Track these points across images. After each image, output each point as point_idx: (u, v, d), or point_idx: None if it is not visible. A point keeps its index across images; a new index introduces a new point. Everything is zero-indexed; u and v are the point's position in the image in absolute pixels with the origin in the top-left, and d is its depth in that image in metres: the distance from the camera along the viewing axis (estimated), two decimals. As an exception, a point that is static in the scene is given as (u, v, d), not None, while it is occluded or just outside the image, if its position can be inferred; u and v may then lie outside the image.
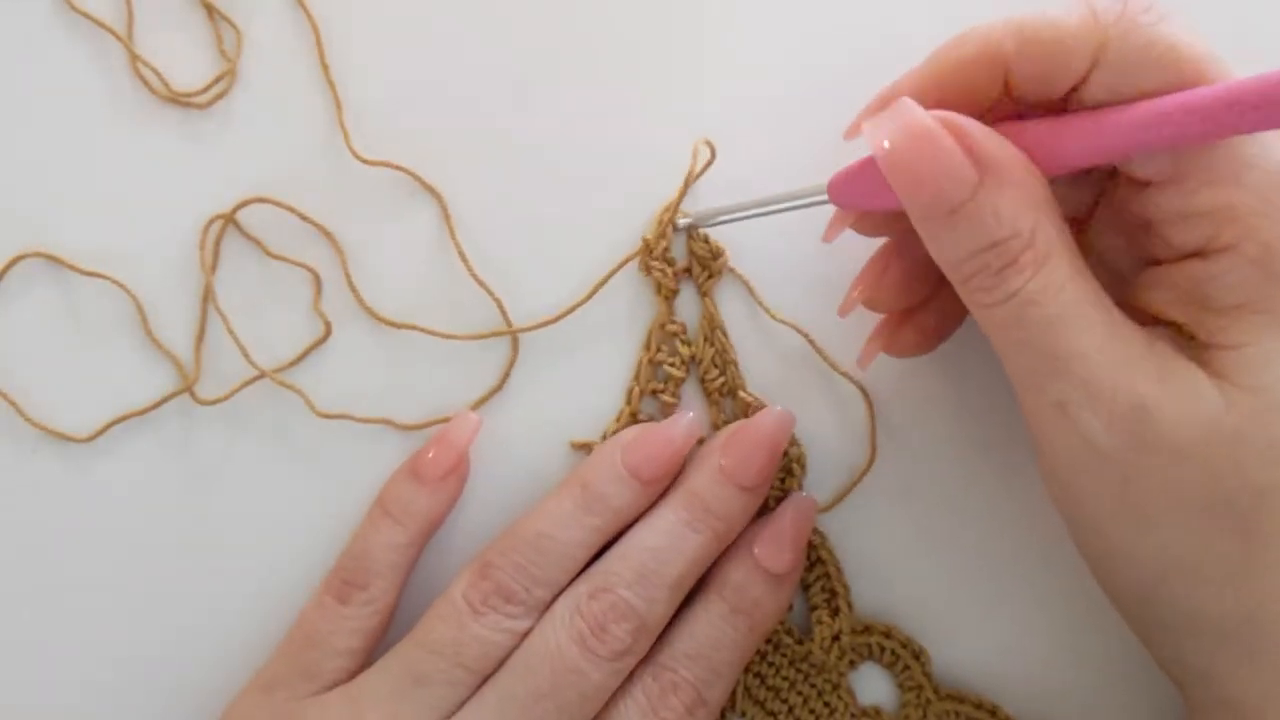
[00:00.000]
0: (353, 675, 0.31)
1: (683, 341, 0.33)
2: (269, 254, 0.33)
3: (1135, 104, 0.25)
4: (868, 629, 0.34)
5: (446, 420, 0.33)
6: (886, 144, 0.26)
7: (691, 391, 0.34)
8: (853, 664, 0.34)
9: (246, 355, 0.33)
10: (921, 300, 0.31)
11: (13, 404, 0.33)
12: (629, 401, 0.33)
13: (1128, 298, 0.28)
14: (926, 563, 0.34)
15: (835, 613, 0.33)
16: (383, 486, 0.33)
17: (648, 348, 0.33)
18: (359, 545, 0.32)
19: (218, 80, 0.33)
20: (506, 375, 0.33)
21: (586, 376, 0.33)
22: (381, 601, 0.31)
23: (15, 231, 0.33)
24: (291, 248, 0.33)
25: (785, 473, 0.33)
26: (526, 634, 0.30)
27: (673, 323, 0.33)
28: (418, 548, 0.32)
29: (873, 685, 0.35)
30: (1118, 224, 0.29)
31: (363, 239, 0.33)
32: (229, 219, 0.33)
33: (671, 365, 0.33)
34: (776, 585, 0.32)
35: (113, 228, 0.33)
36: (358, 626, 0.31)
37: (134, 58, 0.33)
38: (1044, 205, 0.25)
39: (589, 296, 0.33)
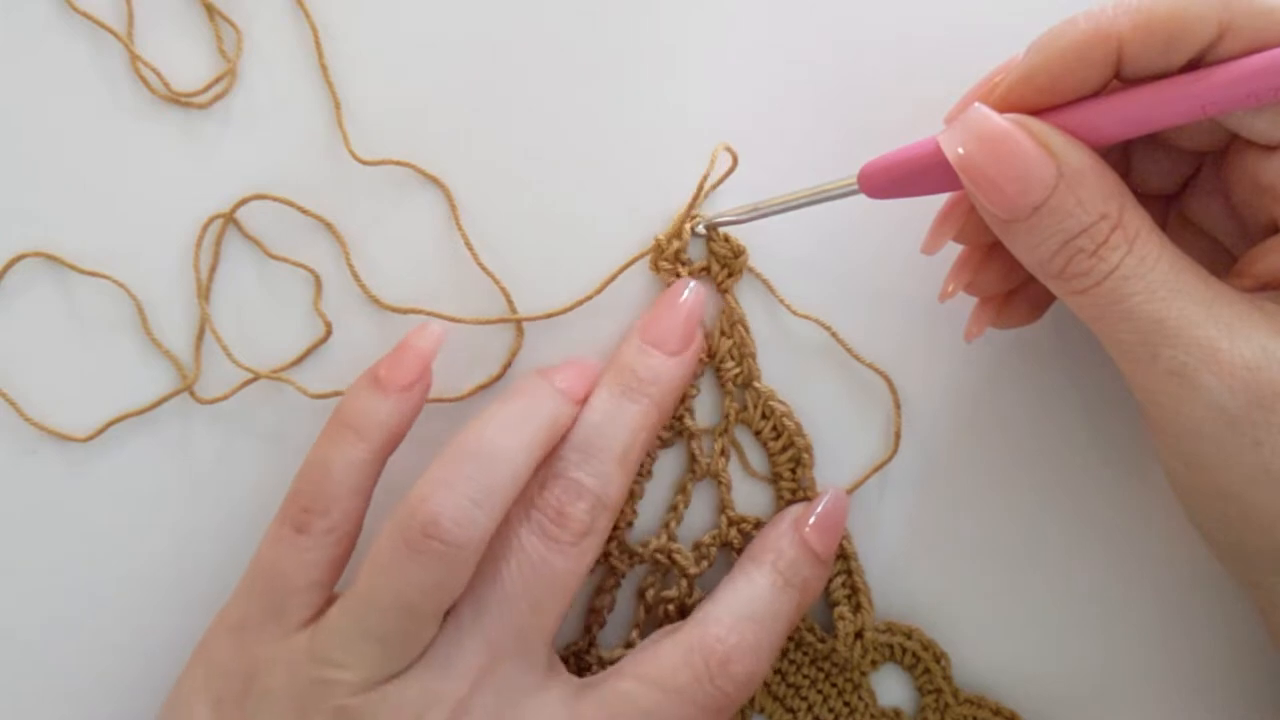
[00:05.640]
0: (320, 609, 0.29)
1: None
2: (269, 254, 0.33)
3: (1233, 60, 0.25)
4: (890, 629, 0.34)
5: (446, 399, 0.33)
6: (961, 150, 0.26)
7: (708, 384, 0.34)
8: (874, 663, 0.34)
9: (231, 355, 0.33)
10: (1027, 278, 0.31)
11: (13, 404, 0.33)
12: None
13: (1230, 267, 0.28)
14: (949, 563, 0.34)
15: (857, 609, 0.33)
16: (339, 402, 0.31)
17: None
18: (317, 466, 0.30)
19: (218, 80, 0.33)
20: (509, 364, 0.33)
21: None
22: (344, 528, 0.30)
23: (15, 231, 0.33)
24: (291, 248, 0.33)
25: (795, 463, 0.33)
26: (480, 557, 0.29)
27: None
28: (379, 465, 0.30)
29: (892, 688, 0.35)
30: (1225, 195, 0.29)
31: (363, 238, 0.33)
32: (228, 218, 0.33)
33: None
34: (821, 569, 0.32)
35: (112, 227, 0.33)
36: (319, 558, 0.29)
37: (134, 58, 0.33)
38: (1124, 190, 0.26)
39: (598, 291, 0.33)
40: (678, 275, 0.33)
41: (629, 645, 0.33)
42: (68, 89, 0.33)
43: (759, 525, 0.33)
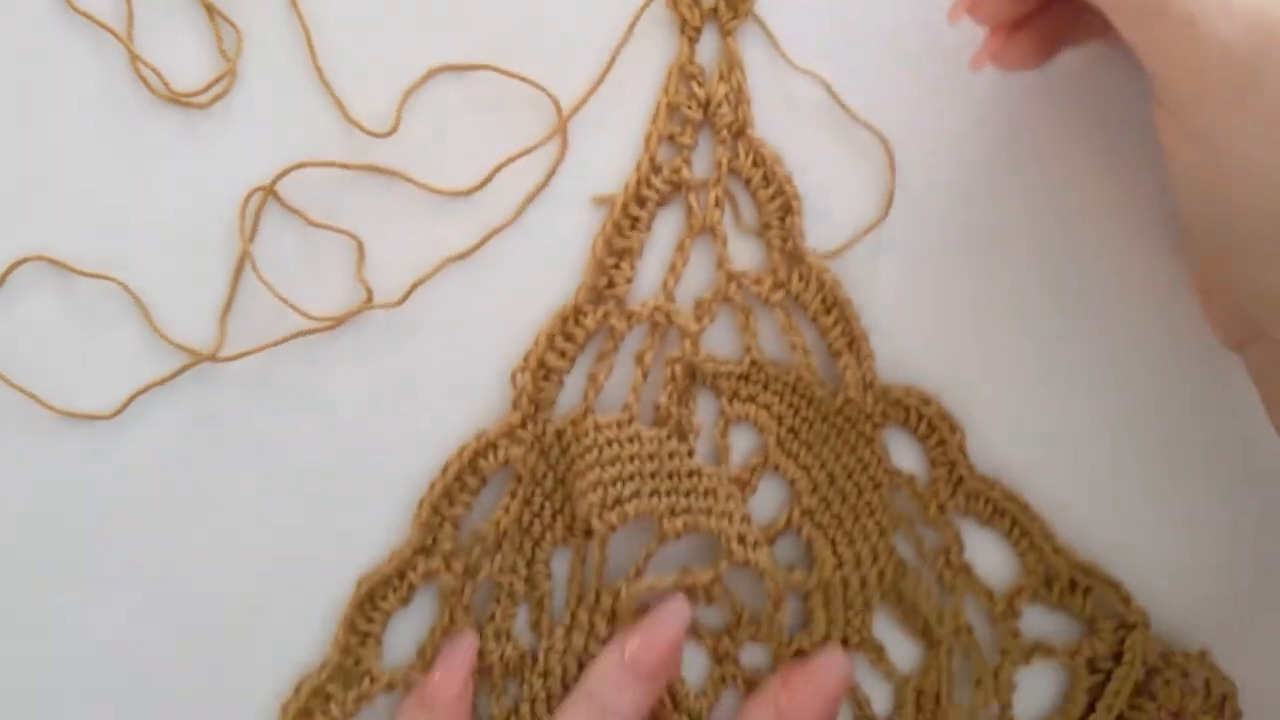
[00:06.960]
0: None
1: (699, 84, 0.34)
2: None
3: None
4: (909, 393, 0.34)
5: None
6: None
7: (704, 141, 0.34)
8: (886, 416, 0.34)
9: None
10: (1032, 10, 0.30)
11: (32, 396, 0.33)
12: (647, 147, 0.34)
13: None
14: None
15: (860, 357, 0.34)
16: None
17: (666, 90, 0.34)
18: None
19: (218, 80, 0.34)
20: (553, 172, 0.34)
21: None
22: None
23: (14, 232, 0.33)
24: (296, 247, 0.34)
25: (785, 211, 0.34)
26: None
27: (692, 64, 0.33)
28: None
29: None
30: None
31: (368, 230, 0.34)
32: (269, 191, 0.33)
33: (688, 108, 0.34)
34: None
35: (112, 228, 0.34)
36: None
37: (134, 58, 0.33)
38: None
39: (620, 46, 0.33)
40: (691, 13, 0.33)
41: (626, 408, 0.33)
42: (68, 89, 0.33)
43: (758, 280, 0.34)
